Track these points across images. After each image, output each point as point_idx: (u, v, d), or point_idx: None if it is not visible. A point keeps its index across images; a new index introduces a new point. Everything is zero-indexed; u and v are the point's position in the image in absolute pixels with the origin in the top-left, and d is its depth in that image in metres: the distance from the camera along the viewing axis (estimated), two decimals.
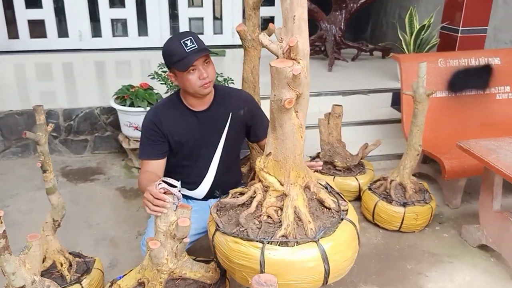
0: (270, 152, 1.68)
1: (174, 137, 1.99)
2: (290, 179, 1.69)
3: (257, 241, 1.56)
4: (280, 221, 1.62)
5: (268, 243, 1.55)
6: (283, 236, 1.57)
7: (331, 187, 1.88)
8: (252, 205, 1.68)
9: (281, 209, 1.66)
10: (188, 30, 1.93)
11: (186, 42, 1.85)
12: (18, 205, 2.93)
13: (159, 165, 2.00)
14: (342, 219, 1.70)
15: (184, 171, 2.09)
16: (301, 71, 1.44)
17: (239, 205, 1.75)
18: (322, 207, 1.73)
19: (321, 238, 1.58)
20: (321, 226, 1.64)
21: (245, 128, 2.14)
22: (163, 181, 1.61)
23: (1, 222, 1.13)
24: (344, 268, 1.67)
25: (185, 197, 2.20)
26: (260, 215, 1.66)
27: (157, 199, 1.57)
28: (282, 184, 1.69)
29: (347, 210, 1.78)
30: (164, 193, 1.59)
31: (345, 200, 1.83)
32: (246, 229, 1.61)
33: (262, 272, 1.53)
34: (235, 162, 2.26)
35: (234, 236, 1.61)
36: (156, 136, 1.97)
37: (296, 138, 1.62)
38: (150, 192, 1.57)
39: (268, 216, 1.66)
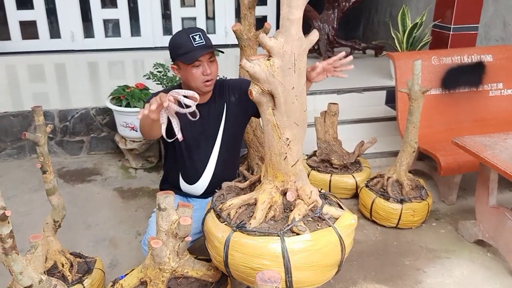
0: None
1: None
2: (267, 174, 1.72)
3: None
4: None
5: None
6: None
7: (329, 198, 1.86)
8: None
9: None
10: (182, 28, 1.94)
11: (194, 36, 1.88)
12: (15, 207, 2.91)
13: None
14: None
15: (184, 163, 2.10)
16: (254, 69, 1.48)
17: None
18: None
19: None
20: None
21: (245, 114, 2.14)
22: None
23: (8, 222, 1.13)
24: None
25: (185, 195, 2.21)
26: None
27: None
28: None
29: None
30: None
31: (342, 208, 1.81)
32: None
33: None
34: (235, 156, 2.27)
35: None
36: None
37: (271, 136, 1.63)
38: (156, 98, 1.59)
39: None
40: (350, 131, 3.67)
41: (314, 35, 1.56)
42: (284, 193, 1.71)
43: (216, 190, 2.11)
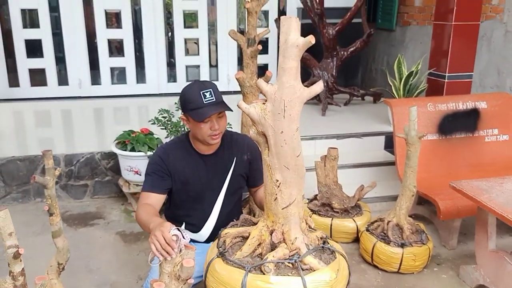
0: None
1: (181, 177, 2.06)
2: (264, 212, 1.79)
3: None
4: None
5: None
6: None
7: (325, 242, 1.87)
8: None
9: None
10: (202, 80, 2.00)
11: (205, 93, 1.92)
12: None
13: (158, 199, 2.04)
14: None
15: (188, 212, 2.14)
16: (249, 110, 1.60)
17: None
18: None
19: None
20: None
21: (247, 172, 2.21)
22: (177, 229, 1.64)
23: (20, 260, 1.17)
24: None
25: None
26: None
27: (167, 244, 1.57)
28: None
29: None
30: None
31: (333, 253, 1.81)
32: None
33: None
34: (237, 205, 2.31)
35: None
36: (162, 171, 2.03)
37: (266, 175, 1.70)
38: (163, 235, 1.58)
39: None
40: (350, 175, 3.72)
41: (318, 86, 1.60)
42: (271, 233, 1.76)
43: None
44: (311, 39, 1.50)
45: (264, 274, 1.63)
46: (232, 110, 2.03)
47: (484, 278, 2.50)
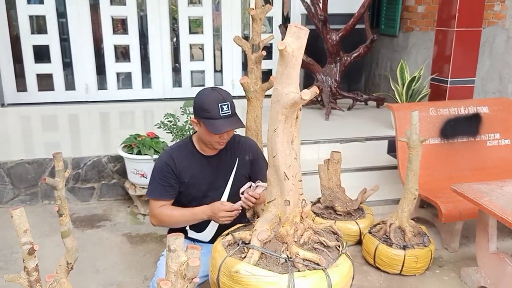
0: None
1: (185, 178, 2.11)
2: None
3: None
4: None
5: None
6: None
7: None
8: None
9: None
10: (219, 87, 2.06)
11: (223, 106, 1.96)
12: None
13: (168, 204, 2.13)
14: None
15: None
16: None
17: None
18: None
19: None
20: None
21: (249, 172, 2.27)
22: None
23: (35, 256, 1.22)
24: None
25: (192, 240, 2.28)
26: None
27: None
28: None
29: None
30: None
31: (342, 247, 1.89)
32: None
33: None
34: None
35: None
36: (169, 177, 2.09)
37: None
38: (224, 209, 2.00)
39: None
40: (354, 179, 3.76)
41: (305, 93, 1.58)
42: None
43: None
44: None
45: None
46: (244, 126, 2.08)
47: (485, 280, 2.53)
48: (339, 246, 1.87)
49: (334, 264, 1.76)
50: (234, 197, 2.22)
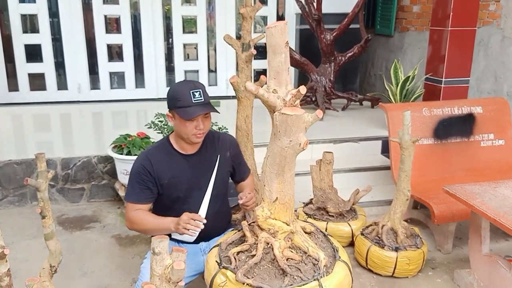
0: (277, 198, 1.76)
1: (164, 180, 2.06)
2: (293, 216, 1.80)
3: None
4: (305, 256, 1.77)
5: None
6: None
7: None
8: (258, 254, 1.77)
9: (293, 247, 1.80)
10: (191, 79, 2.09)
11: (195, 93, 1.95)
12: (14, 253, 2.93)
13: (145, 209, 2.08)
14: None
15: (175, 214, 2.14)
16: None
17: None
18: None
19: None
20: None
21: (231, 169, 2.24)
22: None
23: (6, 261, 1.18)
24: None
25: (176, 241, 2.23)
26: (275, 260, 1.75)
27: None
28: (288, 224, 1.79)
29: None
30: None
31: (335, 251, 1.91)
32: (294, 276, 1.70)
33: None
34: (224, 203, 2.31)
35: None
36: (146, 180, 2.04)
37: None
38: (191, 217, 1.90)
39: (289, 258, 1.75)
40: (347, 180, 3.73)
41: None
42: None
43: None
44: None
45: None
46: (219, 112, 2.07)
47: (478, 282, 2.50)
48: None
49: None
50: (216, 196, 2.18)
